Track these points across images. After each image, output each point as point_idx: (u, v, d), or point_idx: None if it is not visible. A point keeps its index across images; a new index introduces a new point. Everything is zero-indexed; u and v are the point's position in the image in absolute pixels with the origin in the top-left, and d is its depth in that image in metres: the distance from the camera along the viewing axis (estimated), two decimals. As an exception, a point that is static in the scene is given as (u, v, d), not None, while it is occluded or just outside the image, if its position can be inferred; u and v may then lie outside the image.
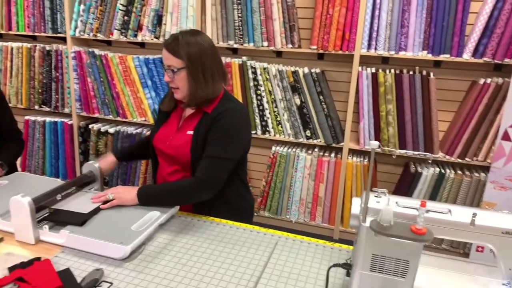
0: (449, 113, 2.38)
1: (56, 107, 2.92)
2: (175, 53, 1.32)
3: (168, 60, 1.33)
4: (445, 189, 2.29)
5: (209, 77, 1.36)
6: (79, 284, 0.98)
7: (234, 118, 1.37)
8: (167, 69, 1.35)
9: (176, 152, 1.40)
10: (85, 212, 1.22)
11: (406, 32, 2.19)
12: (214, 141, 1.34)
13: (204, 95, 1.36)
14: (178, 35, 1.34)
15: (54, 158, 2.99)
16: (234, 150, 1.37)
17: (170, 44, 1.33)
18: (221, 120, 1.35)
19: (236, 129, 1.37)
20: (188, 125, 1.42)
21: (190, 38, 1.33)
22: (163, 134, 1.47)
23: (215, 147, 1.34)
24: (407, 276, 0.86)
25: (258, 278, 1.04)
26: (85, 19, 2.68)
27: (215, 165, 1.33)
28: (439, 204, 0.89)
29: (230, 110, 1.37)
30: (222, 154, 1.34)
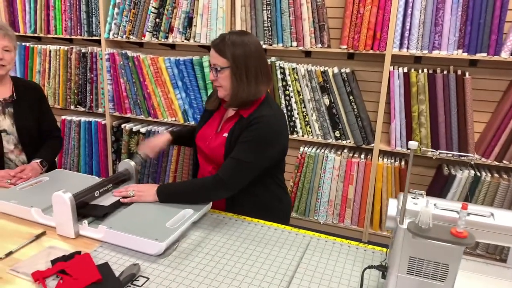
0: (486, 114, 2.29)
1: (90, 107, 3.02)
2: (220, 53, 1.35)
3: (214, 59, 1.36)
4: (481, 193, 2.21)
5: (252, 78, 1.37)
6: (117, 278, 1.01)
7: (268, 126, 1.37)
8: (212, 68, 1.39)
9: (212, 153, 1.44)
10: (106, 205, 1.28)
11: (440, 30, 2.13)
12: (242, 144, 1.36)
13: (245, 96, 1.37)
14: (226, 35, 1.37)
15: (88, 157, 3.09)
16: (260, 157, 1.37)
17: (217, 43, 1.36)
18: (253, 125, 1.35)
19: (267, 138, 1.37)
20: (225, 127, 1.45)
21: (236, 38, 1.35)
22: (204, 133, 1.50)
23: (241, 150, 1.35)
24: (446, 280, 0.84)
25: (291, 278, 1.05)
26: (118, 22, 2.77)
27: (237, 168, 1.34)
28: (481, 207, 0.86)
29: (265, 117, 1.37)
30: (247, 159, 1.34)
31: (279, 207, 1.54)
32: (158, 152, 1.62)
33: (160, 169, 2.87)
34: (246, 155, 1.34)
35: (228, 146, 1.40)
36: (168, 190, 1.35)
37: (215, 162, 1.44)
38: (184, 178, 2.81)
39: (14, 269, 1.05)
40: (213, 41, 1.38)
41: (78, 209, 1.21)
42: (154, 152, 1.60)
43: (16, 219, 1.30)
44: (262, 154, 1.37)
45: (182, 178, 2.82)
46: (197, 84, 2.64)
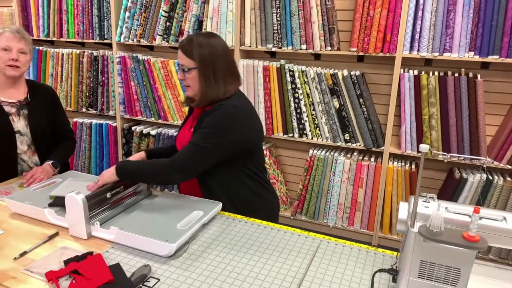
0: (498, 117, 2.26)
1: (101, 110, 3.06)
2: (187, 53, 1.39)
3: (181, 59, 1.40)
4: (493, 197, 2.18)
5: (220, 79, 1.40)
6: (129, 278, 1.02)
7: (225, 113, 1.38)
8: (180, 68, 1.43)
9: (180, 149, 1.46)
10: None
11: (451, 33, 2.12)
12: (200, 130, 1.39)
13: (215, 95, 1.41)
14: (193, 36, 1.41)
15: (99, 159, 3.13)
16: (217, 143, 1.36)
17: (184, 44, 1.40)
18: (211, 113, 1.39)
19: (225, 124, 1.37)
20: (192, 125, 1.50)
21: (203, 39, 1.39)
22: (181, 135, 1.56)
23: (198, 135, 1.38)
24: (458, 284, 0.83)
25: (300, 281, 1.04)
26: (129, 26, 2.80)
27: (193, 151, 1.35)
28: (493, 211, 0.86)
29: (224, 106, 1.39)
30: (202, 143, 1.35)
31: (259, 203, 1.52)
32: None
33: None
34: (202, 140, 1.36)
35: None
36: (126, 166, 1.37)
37: None
38: (193, 180, 2.82)
39: (28, 269, 1.07)
40: (180, 42, 1.42)
41: (55, 201, 1.30)
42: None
43: (30, 220, 1.32)
44: (219, 139, 1.36)
45: (191, 180, 2.83)
46: (206, 87, 2.66)
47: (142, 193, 1.45)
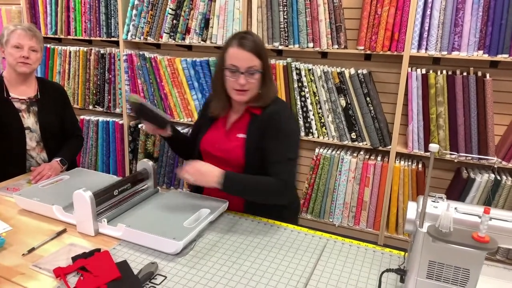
0: (507, 116, 2.24)
1: (108, 107, 3.07)
2: (258, 55, 1.30)
3: (251, 62, 1.30)
4: (501, 197, 2.16)
5: (272, 75, 1.39)
6: (136, 276, 1.03)
7: (288, 118, 1.38)
8: (245, 72, 1.30)
9: (228, 155, 1.40)
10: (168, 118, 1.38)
11: (460, 31, 2.10)
12: (279, 144, 1.32)
13: (273, 95, 1.39)
14: (248, 35, 1.32)
15: (106, 156, 3.15)
16: (297, 150, 1.39)
17: (253, 45, 1.30)
18: (277, 122, 1.34)
19: (293, 129, 1.39)
20: (237, 128, 1.42)
21: (256, 37, 1.34)
22: (211, 137, 1.47)
23: (285, 148, 1.33)
24: (467, 285, 0.83)
25: (307, 280, 1.04)
26: (136, 23, 2.81)
27: (292, 166, 1.34)
28: (503, 212, 0.85)
29: (282, 111, 1.38)
30: (293, 155, 1.35)
31: (292, 207, 1.54)
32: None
33: (176, 169, 2.90)
34: (293, 152, 1.35)
35: (249, 146, 1.37)
36: (233, 177, 1.27)
37: (232, 165, 1.40)
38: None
39: (36, 265, 1.08)
40: (243, 43, 1.29)
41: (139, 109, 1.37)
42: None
43: (38, 216, 1.34)
44: (296, 145, 1.39)
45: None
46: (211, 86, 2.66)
47: (149, 190, 1.46)
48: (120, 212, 1.30)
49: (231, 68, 1.31)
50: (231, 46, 1.31)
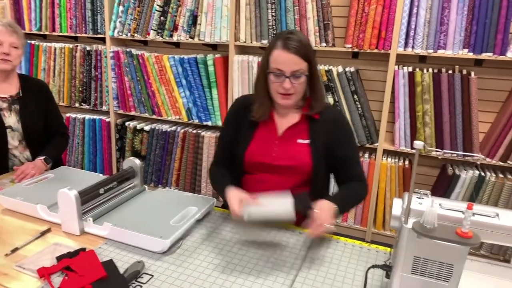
0: (491, 114, 2.28)
1: (95, 105, 3.03)
2: (305, 57, 1.22)
3: (297, 65, 1.21)
4: (485, 193, 2.20)
5: (319, 76, 1.39)
6: (122, 275, 1.02)
7: (348, 121, 1.40)
8: (290, 76, 1.21)
9: (293, 162, 1.29)
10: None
11: (445, 30, 2.12)
12: (352, 147, 1.34)
13: (324, 95, 1.40)
14: (292, 35, 1.22)
15: (92, 154, 3.11)
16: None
17: (299, 48, 1.20)
18: (344, 126, 1.35)
19: (353, 131, 1.41)
20: (295, 134, 1.32)
21: (302, 36, 1.25)
22: (261, 147, 1.33)
23: (355, 152, 1.35)
24: (450, 280, 0.84)
25: (294, 277, 1.05)
26: (123, 20, 2.77)
27: (362, 168, 1.38)
28: (486, 207, 0.86)
29: (341, 114, 1.39)
30: (359, 156, 1.40)
31: None
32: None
33: (164, 167, 2.88)
34: (358, 154, 1.40)
35: (316, 151, 1.29)
36: (344, 204, 1.23)
37: (298, 172, 1.30)
38: (188, 176, 2.81)
39: (19, 265, 1.06)
40: (288, 44, 1.20)
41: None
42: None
43: (22, 216, 1.31)
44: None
45: (186, 176, 2.82)
46: (201, 82, 2.65)
47: (136, 189, 1.44)
48: (106, 210, 1.28)
49: (276, 72, 1.23)
50: (275, 48, 1.22)
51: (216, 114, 2.68)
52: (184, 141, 2.78)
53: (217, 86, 2.62)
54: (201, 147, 2.73)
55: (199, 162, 2.77)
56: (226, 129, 1.43)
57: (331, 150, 1.31)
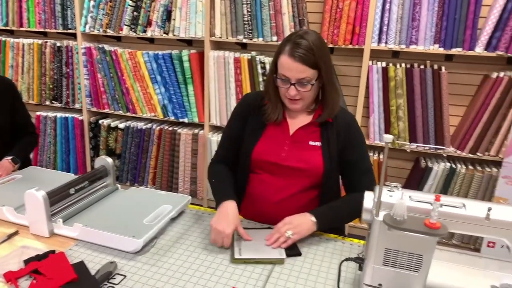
0: (461, 108, 2.35)
1: (67, 103, 2.95)
2: (313, 64, 1.15)
3: (303, 73, 1.16)
4: (456, 184, 2.27)
5: (334, 80, 1.28)
6: (93, 276, 0.99)
7: (357, 123, 1.32)
8: (295, 83, 1.17)
9: (305, 165, 1.25)
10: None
11: (417, 25, 2.17)
12: (362, 154, 1.29)
13: (339, 100, 1.27)
14: (302, 40, 1.15)
15: (65, 153, 3.02)
16: None
17: (305, 55, 1.14)
18: (356, 132, 1.29)
19: (364, 137, 1.34)
20: (307, 135, 1.27)
21: (314, 39, 1.17)
22: (269, 146, 1.28)
23: (367, 160, 1.30)
24: (420, 270, 0.86)
25: (269, 272, 1.05)
26: (95, 15, 2.70)
27: (373, 177, 1.30)
28: (453, 198, 0.88)
29: (354, 119, 1.31)
30: (370, 164, 1.32)
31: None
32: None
33: (139, 166, 2.83)
34: (369, 161, 1.31)
35: (327, 155, 1.25)
36: (326, 217, 1.20)
37: (309, 175, 1.26)
38: (164, 175, 2.78)
39: (-16, 270, 1.01)
40: (295, 53, 1.14)
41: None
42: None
43: (-13, 219, 1.26)
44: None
45: (162, 174, 2.79)
46: (176, 78, 2.61)
47: (108, 188, 1.41)
48: (77, 211, 1.25)
49: (282, 78, 1.20)
50: (283, 54, 1.17)
51: (193, 110, 2.65)
52: (160, 139, 2.74)
53: (193, 82, 2.60)
54: (178, 145, 2.70)
55: (176, 160, 2.73)
56: (233, 125, 1.37)
57: (341, 154, 1.27)
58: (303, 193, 1.27)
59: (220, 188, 1.29)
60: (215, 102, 2.59)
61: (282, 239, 1.12)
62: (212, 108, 2.61)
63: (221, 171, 1.36)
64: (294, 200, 1.26)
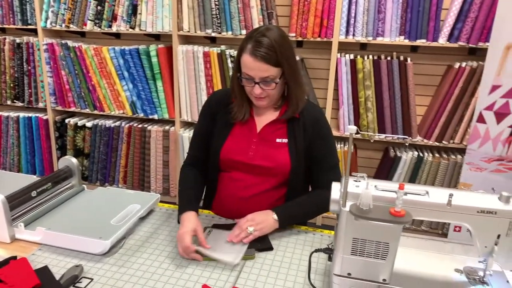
0: (427, 98, 2.41)
1: (29, 102, 2.82)
2: (275, 63, 1.13)
3: (266, 72, 1.14)
4: (424, 172, 2.34)
5: (300, 72, 1.25)
6: (58, 281, 0.96)
7: (327, 121, 1.30)
8: (259, 82, 1.15)
9: (272, 163, 1.24)
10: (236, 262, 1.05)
11: (383, 17, 2.20)
12: (328, 150, 1.27)
13: (304, 96, 1.24)
14: (264, 38, 1.13)
15: (30, 155, 2.90)
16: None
17: (266, 54, 1.12)
18: (323, 127, 1.27)
19: (332, 132, 1.31)
20: (273, 133, 1.26)
21: (276, 36, 1.14)
22: (237, 145, 1.27)
23: (333, 155, 1.28)
24: (387, 258, 0.87)
25: (241, 267, 1.04)
26: (56, 10, 2.59)
27: (339, 173, 1.28)
28: (417, 186, 0.90)
29: (322, 114, 1.29)
30: (337, 160, 1.30)
31: None
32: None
33: (109, 165, 2.76)
34: (337, 157, 1.29)
35: (294, 151, 1.24)
36: (289, 215, 1.20)
37: (275, 172, 1.25)
38: (136, 173, 2.72)
39: None
40: (257, 52, 1.12)
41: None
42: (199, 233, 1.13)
43: None
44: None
45: (133, 173, 2.73)
46: (144, 74, 2.55)
47: (74, 189, 1.36)
48: (40, 214, 1.20)
49: (245, 77, 1.17)
50: (245, 52, 1.14)
51: (163, 107, 2.60)
52: (130, 137, 2.67)
53: (162, 77, 2.54)
54: (148, 142, 2.65)
55: (147, 158, 2.68)
56: (201, 124, 1.35)
57: (308, 149, 1.26)
58: (273, 191, 1.27)
59: (182, 198, 1.25)
60: (186, 97, 2.56)
61: (243, 234, 1.11)
62: (183, 103, 2.57)
63: (188, 176, 1.32)
64: (264, 197, 1.26)
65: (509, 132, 2.01)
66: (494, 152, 2.06)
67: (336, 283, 0.92)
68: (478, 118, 2.05)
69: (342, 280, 0.91)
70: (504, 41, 1.92)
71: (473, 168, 2.12)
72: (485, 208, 0.85)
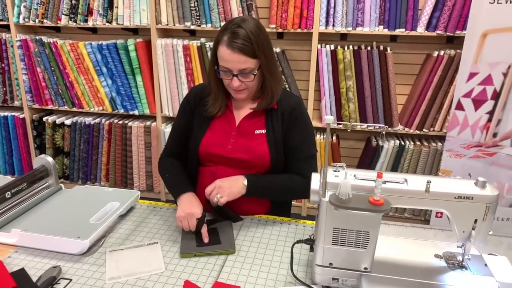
0: (407, 87, 2.44)
1: (4, 101, 2.74)
2: (252, 54, 1.12)
3: (244, 64, 1.13)
4: (406, 160, 2.37)
5: (276, 64, 1.24)
6: (35, 283, 0.93)
7: (306, 111, 1.29)
8: (238, 74, 1.14)
9: (251, 155, 1.24)
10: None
11: (362, 7, 2.20)
12: (304, 140, 1.25)
13: (280, 86, 1.23)
14: (240, 29, 1.11)
15: (8, 155, 2.83)
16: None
17: (243, 45, 1.11)
18: (300, 117, 1.25)
19: (311, 123, 1.30)
20: (252, 124, 1.25)
21: (252, 27, 1.13)
22: (217, 138, 1.26)
23: (309, 145, 1.27)
24: (367, 246, 0.88)
25: (223, 261, 1.04)
26: (28, 5, 2.51)
27: (315, 164, 1.28)
28: (396, 174, 0.91)
29: (300, 104, 1.28)
30: (315, 150, 1.29)
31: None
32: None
33: (91, 163, 2.71)
34: (314, 147, 1.28)
35: (272, 142, 1.23)
36: (259, 184, 1.20)
37: (255, 165, 1.24)
38: (118, 170, 2.68)
39: None
40: (233, 43, 1.10)
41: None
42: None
43: None
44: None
45: (115, 170, 2.68)
46: (123, 69, 2.50)
47: (51, 189, 1.33)
48: (16, 215, 1.16)
49: (223, 70, 1.16)
50: (221, 44, 1.13)
51: (143, 102, 2.56)
52: (111, 133, 2.62)
53: (141, 72, 2.50)
54: (130, 138, 2.60)
55: (129, 154, 2.64)
56: (180, 119, 1.34)
57: (285, 138, 1.25)
58: None
59: (176, 181, 1.26)
60: (166, 92, 2.52)
61: (214, 201, 1.14)
62: (164, 98, 2.53)
63: (172, 164, 1.33)
64: None
65: (486, 118, 2.05)
66: (472, 139, 2.09)
67: (318, 273, 0.92)
68: (457, 105, 2.08)
69: (324, 270, 0.92)
70: (480, 29, 1.94)
71: (452, 155, 2.15)
72: (462, 194, 0.86)
